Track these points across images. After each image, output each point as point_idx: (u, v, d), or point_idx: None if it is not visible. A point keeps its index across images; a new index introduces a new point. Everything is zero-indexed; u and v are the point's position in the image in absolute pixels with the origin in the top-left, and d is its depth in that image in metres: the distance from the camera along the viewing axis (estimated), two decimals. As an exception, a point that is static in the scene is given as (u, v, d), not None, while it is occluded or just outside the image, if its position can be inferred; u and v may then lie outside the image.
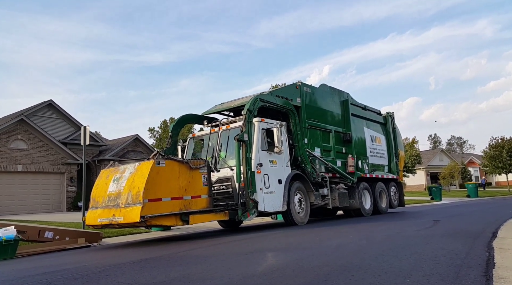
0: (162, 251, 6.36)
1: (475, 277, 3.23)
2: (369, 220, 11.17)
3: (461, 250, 4.56)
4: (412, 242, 5.60)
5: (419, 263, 3.88)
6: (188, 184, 7.74)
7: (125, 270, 4.62)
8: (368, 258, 4.42)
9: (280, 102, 10.20)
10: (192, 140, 11.15)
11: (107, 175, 8.20)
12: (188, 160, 8.02)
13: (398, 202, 14.91)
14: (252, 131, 9.11)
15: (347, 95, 13.14)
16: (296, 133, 10.35)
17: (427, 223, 8.61)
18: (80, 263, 5.62)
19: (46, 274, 4.78)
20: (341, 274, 3.57)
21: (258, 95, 9.73)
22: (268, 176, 9.13)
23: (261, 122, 9.53)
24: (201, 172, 8.04)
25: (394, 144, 15.22)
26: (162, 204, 7.28)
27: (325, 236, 7.22)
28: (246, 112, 9.15)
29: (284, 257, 4.91)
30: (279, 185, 9.43)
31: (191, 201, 7.72)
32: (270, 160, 9.42)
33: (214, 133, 10.29)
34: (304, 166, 10.28)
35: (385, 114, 15.36)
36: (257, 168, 8.90)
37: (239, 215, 8.41)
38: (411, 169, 30.20)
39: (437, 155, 56.85)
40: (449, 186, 45.80)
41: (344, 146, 12.38)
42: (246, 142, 8.77)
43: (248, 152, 8.73)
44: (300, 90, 11.10)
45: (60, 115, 26.72)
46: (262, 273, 3.82)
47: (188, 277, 3.85)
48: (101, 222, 7.56)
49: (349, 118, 12.66)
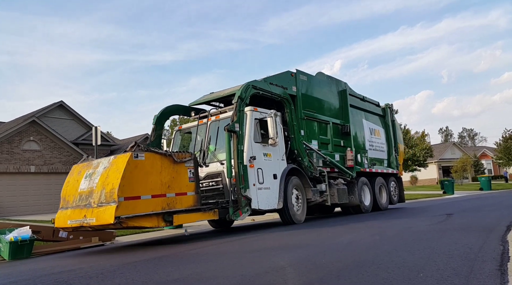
0: (174, 249, 6.41)
1: (489, 271, 3.20)
2: (378, 215, 11.11)
3: (474, 244, 4.52)
4: (424, 236, 5.57)
5: (432, 257, 3.86)
6: (172, 180, 6.97)
7: (139, 268, 4.67)
8: (381, 253, 4.41)
9: (274, 90, 9.45)
10: (178, 133, 10.37)
11: (79, 171, 7.37)
12: (172, 152, 7.20)
13: (398, 198, 14.48)
14: (244, 121, 8.32)
15: (345, 85, 12.54)
16: (292, 124, 9.65)
17: (440, 217, 8.54)
18: (95, 262, 5.69)
19: (62, 273, 4.85)
20: (353, 270, 3.57)
21: (250, 82, 8.86)
22: (262, 170, 8.43)
23: (254, 111, 8.81)
24: (187, 166, 7.27)
25: (393, 137, 14.72)
26: (141, 202, 6.48)
27: (336, 233, 7.21)
28: (237, 100, 8.31)
29: (296, 254, 4.92)
30: (274, 180, 8.73)
31: (176, 199, 6.96)
32: (264, 153, 8.70)
33: (202, 125, 9.50)
34: (301, 159, 9.64)
35: (384, 106, 14.79)
36: (250, 161, 8.17)
37: (230, 213, 7.60)
38: (422, 162, 29.92)
39: (449, 148, 56.26)
40: (461, 180, 45.32)
41: (343, 139, 11.79)
42: (238, 133, 7.98)
43: (239, 144, 7.95)
44: (296, 78, 10.38)
45: (71, 116, 26.98)
46: (275, 270, 3.83)
47: (202, 275, 3.88)
48: (71, 224, 6.79)
49: (347, 109, 12.07)
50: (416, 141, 30.78)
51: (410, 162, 28.91)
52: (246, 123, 8.43)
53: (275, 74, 9.87)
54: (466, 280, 2.95)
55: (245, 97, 8.46)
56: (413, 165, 29.35)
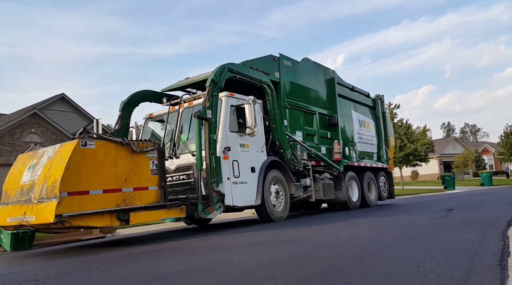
0: (175, 241, 6.43)
1: (490, 266, 3.20)
2: (373, 211, 11.11)
3: (475, 239, 4.52)
4: (425, 231, 5.57)
5: (433, 252, 3.86)
6: (130, 172, 6.15)
7: (139, 260, 4.69)
8: (381, 247, 4.42)
9: (254, 75, 8.63)
10: (148, 121, 9.40)
11: (23, 161, 6.58)
12: (131, 141, 6.39)
13: (388, 194, 13.81)
14: (218, 107, 7.56)
15: (333, 73, 11.82)
16: (274, 113, 8.84)
17: (440, 212, 8.54)
18: (96, 253, 5.71)
19: (63, 264, 4.88)
20: (354, 264, 3.57)
21: (226, 64, 8.05)
22: (238, 162, 7.70)
23: (229, 97, 8.06)
24: (148, 157, 6.46)
25: (384, 129, 14.03)
26: (90, 198, 5.63)
27: (336, 228, 7.21)
28: (210, 83, 7.53)
29: (296, 248, 4.92)
30: (252, 174, 7.99)
31: (134, 194, 6.14)
32: (241, 144, 7.95)
33: (174, 112, 8.64)
34: (283, 151, 8.88)
35: (374, 97, 14.11)
36: (224, 152, 7.45)
37: (199, 210, 6.87)
38: (424, 157, 29.89)
39: (450, 143, 56.20)
40: (462, 175, 45.32)
41: (330, 131, 11.15)
42: (210, 120, 7.22)
43: (211, 133, 7.19)
44: (279, 64, 9.63)
45: (72, 108, 26.98)
46: (275, 263, 3.84)
47: (201, 267, 3.89)
48: (11, 222, 5.91)
49: (335, 99, 11.38)
50: (418, 136, 30.66)
51: (412, 157, 28.83)
52: (221, 109, 7.71)
53: (256, 58, 9.12)
54: (466, 274, 2.95)
55: (219, 81, 7.66)
56: (414, 160, 29.26)
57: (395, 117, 30.47)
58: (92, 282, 3.54)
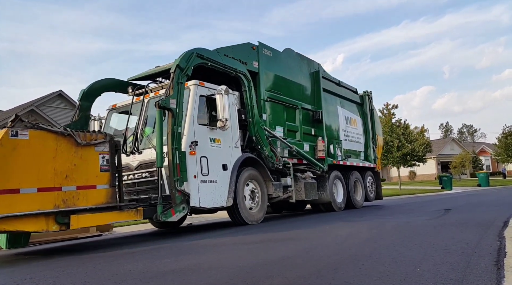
0: (173, 240, 6.42)
1: (486, 266, 3.21)
2: (373, 210, 11.13)
3: (471, 240, 4.53)
4: (422, 231, 5.58)
5: (429, 252, 3.87)
6: (73, 168, 5.41)
7: (137, 258, 4.68)
8: (378, 247, 4.42)
9: (228, 63, 7.92)
10: (112, 113, 8.53)
11: None
12: (75, 131, 5.58)
13: (375, 194, 13.22)
14: (184, 97, 6.86)
15: (318, 66, 11.14)
16: (250, 105, 8.17)
17: (438, 212, 8.56)
18: (92, 252, 5.70)
19: (59, 262, 4.86)
20: (351, 263, 3.58)
21: (195, 49, 7.28)
22: (208, 158, 7.00)
23: (199, 86, 7.33)
24: (98, 151, 5.72)
25: (371, 127, 13.45)
26: (21, 198, 4.93)
27: (335, 228, 7.22)
28: (175, 69, 6.77)
29: (293, 246, 4.93)
30: (224, 172, 7.31)
31: (78, 194, 5.41)
32: (212, 138, 7.26)
33: (138, 103, 7.82)
34: (260, 148, 8.20)
35: (362, 93, 13.50)
36: (191, 147, 6.75)
37: (158, 213, 6.14)
38: (421, 158, 29.97)
39: (448, 143, 56.37)
40: (460, 175, 45.44)
41: (314, 127, 10.48)
42: (174, 111, 6.50)
43: (176, 125, 6.47)
44: (258, 53, 8.91)
45: (70, 105, 26.86)
46: (272, 262, 3.84)
47: (199, 266, 3.89)
48: None
49: (320, 93, 10.74)
50: (416, 136, 30.72)
51: (409, 157, 28.90)
52: (188, 99, 7.04)
53: (232, 45, 8.43)
54: (463, 275, 2.95)
55: (186, 67, 6.94)
56: (412, 160, 29.33)
57: (393, 118, 30.54)
58: (88, 280, 3.53)
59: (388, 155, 28.97)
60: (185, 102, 6.85)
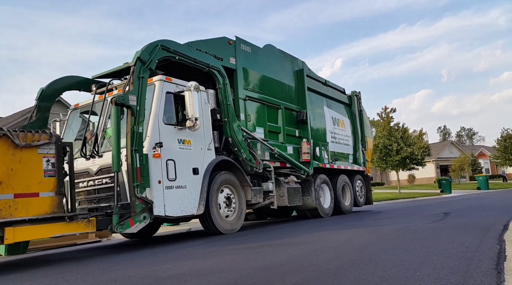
0: (171, 245, 6.41)
1: (486, 270, 3.21)
2: (372, 214, 11.12)
3: (471, 243, 4.52)
4: (421, 235, 5.57)
5: (429, 256, 3.86)
6: (10, 173, 4.80)
7: (136, 264, 4.67)
8: (378, 251, 4.41)
9: (200, 57, 7.25)
10: (74, 113, 7.83)
11: None
12: (12, 131, 4.96)
13: (365, 199, 12.64)
14: (149, 94, 6.27)
15: (302, 64, 10.56)
16: (226, 104, 7.57)
17: (437, 216, 8.56)
18: (91, 258, 5.68)
19: (58, 268, 4.85)
20: (350, 268, 3.57)
21: (160, 40, 6.66)
22: (175, 162, 6.37)
23: (165, 82, 6.70)
24: (41, 153, 5.09)
25: (360, 129, 12.87)
26: None
27: (333, 231, 7.21)
28: (136, 62, 6.15)
29: (293, 251, 4.91)
30: (195, 176, 6.67)
31: (16, 203, 4.80)
32: (180, 139, 6.64)
33: (100, 101, 7.07)
34: (238, 150, 7.61)
35: (350, 93, 12.95)
36: (155, 149, 6.10)
37: (114, 223, 5.42)
38: (420, 161, 30.01)
39: (447, 147, 56.43)
40: (459, 179, 45.47)
41: (298, 128, 9.90)
42: (133, 108, 5.85)
43: (136, 124, 5.82)
44: (235, 48, 8.28)
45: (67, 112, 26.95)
46: (272, 267, 3.83)
47: (198, 272, 3.88)
48: None
49: (304, 92, 10.19)
50: (414, 140, 30.77)
51: (408, 161, 28.93)
52: (153, 97, 6.43)
53: (206, 39, 7.76)
54: (463, 279, 2.95)
55: (148, 60, 6.32)
56: (411, 163, 29.37)
57: (391, 121, 30.60)
58: (87, 287, 3.51)
59: (387, 158, 29.01)
60: (149, 100, 6.28)
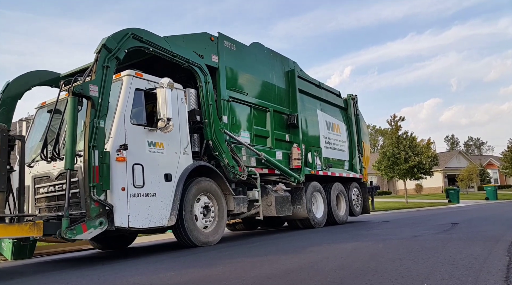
0: (176, 252, 6.38)
1: (495, 282, 3.15)
2: (379, 223, 11.02)
3: (480, 254, 4.45)
4: (429, 245, 5.50)
5: (437, 267, 3.81)
6: None
7: (141, 271, 4.65)
8: (385, 261, 4.36)
9: (178, 51, 6.62)
10: (41, 112, 7.21)
11: None
12: None
13: (362, 208, 11.96)
14: (116, 90, 5.72)
15: (294, 64, 9.93)
16: (207, 104, 6.97)
17: (445, 226, 8.46)
18: (96, 264, 5.68)
19: (63, 274, 4.85)
20: (357, 278, 3.53)
21: (131, 28, 5.98)
22: (143, 167, 5.72)
23: (135, 77, 6.04)
24: None
25: (357, 134, 12.19)
26: None
27: (339, 241, 7.15)
28: (100, 49, 5.50)
29: (298, 260, 4.88)
30: (166, 183, 6.05)
31: None
32: (151, 142, 5.98)
33: (65, 99, 6.15)
34: (219, 154, 7.04)
35: (346, 96, 12.29)
36: (119, 152, 5.44)
37: (63, 228, 4.81)
38: (428, 170, 29.75)
39: (455, 156, 55.95)
40: (467, 189, 45.00)
41: (288, 132, 9.29)
42: (95, 100, 5.23)
43: (96, 118, 5.20)
44: (218, 45, 7.67)
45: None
46: (277, 276, 3.80)
47: (203, 279, 3.86)
48: None
49: (295, 95, 9.52)
50: (422, 149, 30.54)
51: (416, 170, 28.72)
52: (120, 93, 5.82)
53: (185, 34, 7.16)
54: (471, 291, 2.90)
55: (115, 49, 5.62)
56: (418, 172, 29.14)
57: (400, 130, 30.45)
58: (92, 293, 3.51)
59: (394, 167, 28.81)
60: (115, 98, 5.70)
